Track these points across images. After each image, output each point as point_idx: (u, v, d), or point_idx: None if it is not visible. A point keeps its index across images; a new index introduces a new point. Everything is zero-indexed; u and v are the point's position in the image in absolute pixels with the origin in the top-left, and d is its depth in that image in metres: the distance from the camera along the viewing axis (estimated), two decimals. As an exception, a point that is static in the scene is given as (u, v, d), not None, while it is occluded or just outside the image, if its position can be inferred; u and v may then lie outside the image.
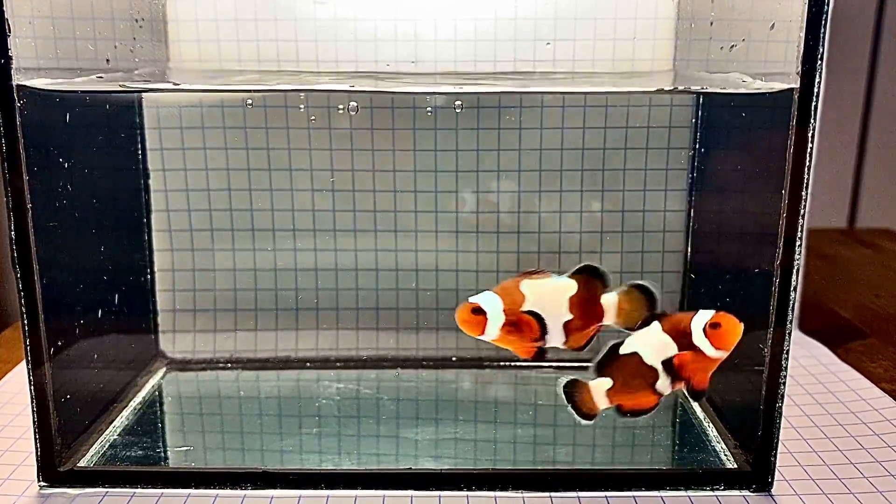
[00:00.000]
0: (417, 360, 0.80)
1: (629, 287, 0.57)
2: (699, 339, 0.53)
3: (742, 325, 0.53)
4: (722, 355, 0.54)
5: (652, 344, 0.54)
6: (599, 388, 0.56)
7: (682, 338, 0.54)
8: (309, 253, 0.77)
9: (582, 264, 0.56)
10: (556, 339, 0.56)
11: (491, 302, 0.55)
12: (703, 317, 0.54)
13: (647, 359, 0.54)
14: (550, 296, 0.56)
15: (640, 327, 0.55)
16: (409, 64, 0.73)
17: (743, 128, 0.67)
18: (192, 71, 0.74)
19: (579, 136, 0.75)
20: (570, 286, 0.56)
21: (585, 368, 0.79)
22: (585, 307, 0.56)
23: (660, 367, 0.54)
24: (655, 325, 0.55)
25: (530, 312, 0.55)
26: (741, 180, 0.67)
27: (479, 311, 0.55)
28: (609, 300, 0.56)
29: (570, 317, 0.56)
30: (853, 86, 1.38)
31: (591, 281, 0.56)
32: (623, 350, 0.55)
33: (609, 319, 0.57)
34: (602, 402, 0.56)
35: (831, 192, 1.42)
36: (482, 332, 0.55)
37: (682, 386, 0.55)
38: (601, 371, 0.56)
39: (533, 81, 0.73)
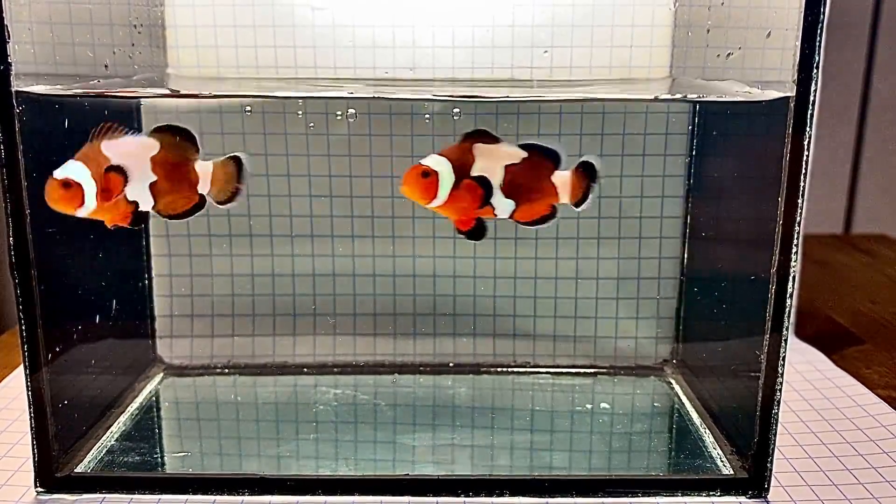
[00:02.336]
0: (415, 365, 0.80)
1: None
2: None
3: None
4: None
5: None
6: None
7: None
8: (307, 258, 0.78)
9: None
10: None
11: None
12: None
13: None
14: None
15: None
16: (407, 71, 0.73)
17: (739, 135, 0.67)
18: (190, 77, 0.74)
19: (576, 142, 0.75)
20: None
21: (583, 375, 0.79)
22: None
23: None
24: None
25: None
26: (737, 187, 0.68)
27: (68, 184, 0.52)
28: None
29: (154, 178, 0.54)
30: (849, 92, 1.38)
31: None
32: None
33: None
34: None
35: (827, 197, 1.43)
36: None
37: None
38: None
39: (530, 88, 0.73)
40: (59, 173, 0.52)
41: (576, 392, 0.77)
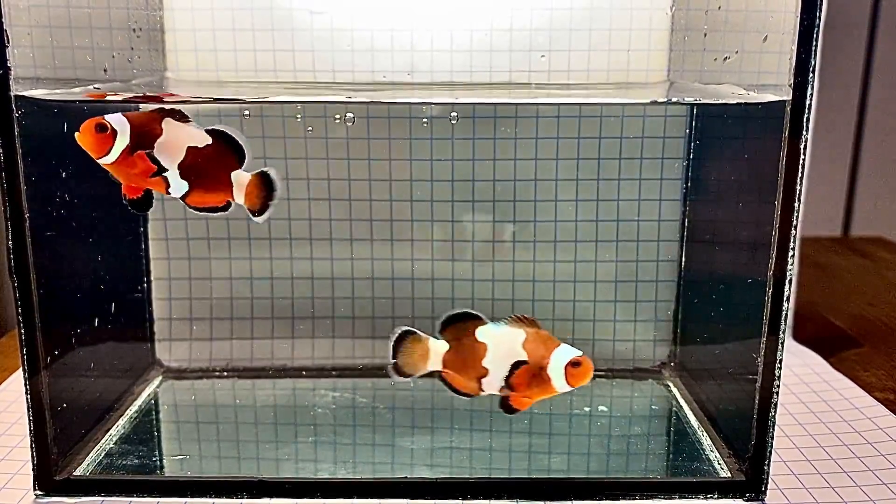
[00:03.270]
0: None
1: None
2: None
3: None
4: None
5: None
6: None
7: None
8: (305, 262, 0.78)
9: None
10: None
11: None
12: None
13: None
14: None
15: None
16: (405, 74, 0.73)
17: (736, 138, 0.67)
18: (189, 81, 0.74)
19: (574, 145, 0.75)
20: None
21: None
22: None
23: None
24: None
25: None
26: (735, 190, 0.68)
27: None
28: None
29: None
30: (847, 94, 1.39)
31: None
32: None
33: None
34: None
35: (825, 200, 1.43)
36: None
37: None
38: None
39: (528, 92, 0.74)
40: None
41: (574, 395, 0.77)
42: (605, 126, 0.75)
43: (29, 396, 0.58)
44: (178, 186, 0.56)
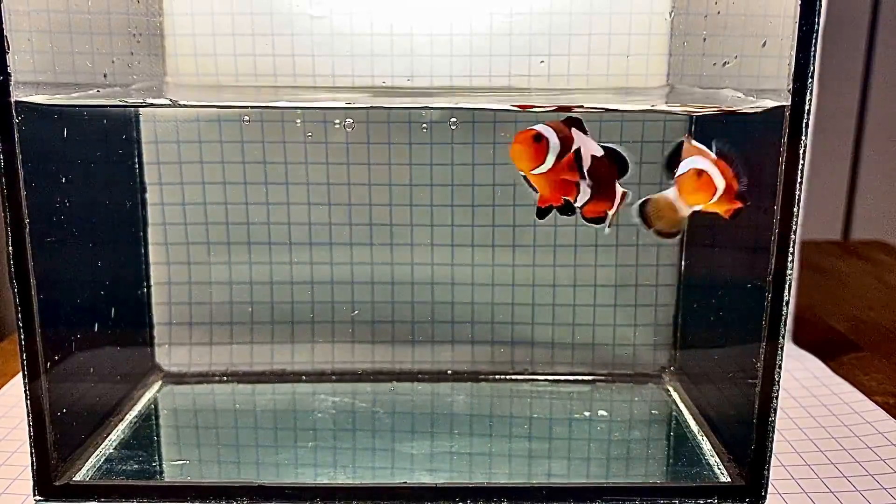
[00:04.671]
0: (413, 373, 0.80)
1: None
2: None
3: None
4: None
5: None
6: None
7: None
8: (305, 266, 0.78)
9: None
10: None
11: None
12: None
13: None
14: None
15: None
16: (404, 79, 0.73)
17: (736, 142, 0.67)
18: (189, 86, 0.74)
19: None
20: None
21: (581, 382, 0.79)
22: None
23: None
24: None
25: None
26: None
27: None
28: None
29: None
30: (847, 98, 1.39)
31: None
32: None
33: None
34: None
35: (825, 204, 1.43)
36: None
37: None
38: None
39: (528, 97, 0.74)
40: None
41: (574, 399, 0.77)
42: (605, 130, 0.75)
43: (29, 401, 0.58)
44: (585, 193, 0.57)
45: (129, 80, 0.69)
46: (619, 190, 0.59)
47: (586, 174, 0.57)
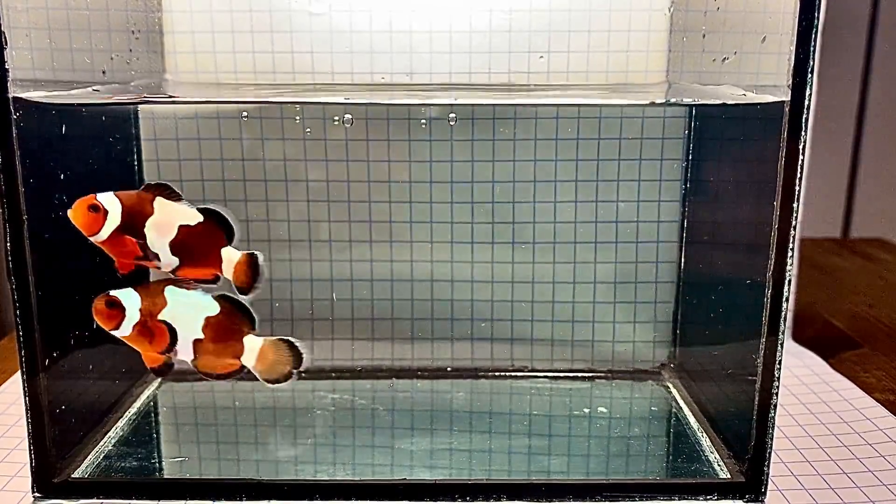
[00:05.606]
0: (413, 370, 0.80)
1: (276, 340, 0.58)
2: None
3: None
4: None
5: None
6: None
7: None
8: (304, 263, 0.78)
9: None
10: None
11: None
12: None
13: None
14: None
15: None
16: (404, 76, 0.73)
17: (735, 139, 0.67)
18: (188, 83, 0.74)
19: (573, 147, 0.75)
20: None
21: (580, 379, 0.79)
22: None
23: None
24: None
25: (165, 322, 0.55)
26: (734, 191, 0.68)
27: (115, 304, 0.55)
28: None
29: (201, 336, 0.56)
30: (847, 95, 1.39)
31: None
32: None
33: (247, 362, 0.58)
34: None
35: (825, 201, 1.43)
36: (116, 327, 0.55)
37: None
38: None
39: (527, 93, 0.74)
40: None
41: (573, 396, 0.77)
42: (605, 127, 0.75)
43: (27, 399, 0.58)
44: (169, 262, 0.56)
45: (128, 77, 0.69)
46: (234, 254, 0.57)
47: (173, 242, 0.55)
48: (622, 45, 0.73)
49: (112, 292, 0.55)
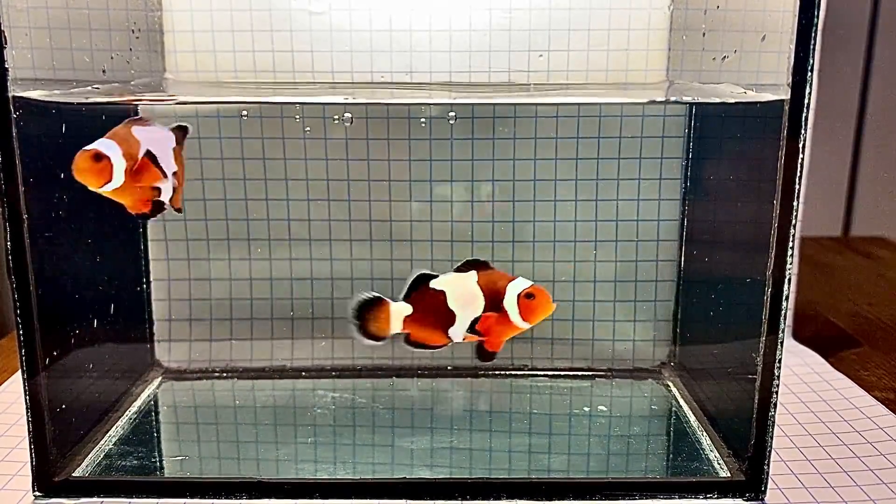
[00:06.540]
0: (413, 369, 0.80)
1: None
2: (510, 304, 0.53)
3: (554, 306, 0.53)
4: (524, 327, 0.54)
5: (462, 290, 0.54)
6: (399, 313, 0.55)
7: (493, 295, 0.54)
8: (304, 262, 0.78)
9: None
10: (168, 192, 0.56)
11: (110, 147, 0.53)
12: (520, 284, 0.54)
13: (451, 302, 0.54)
14: (162, 145, 0.55)
15: (459, 269, 0.55)
16: (404, 75, 0.73)
17: (735, 137, 0.67)
18: (188, 82, 0.74)
19: (573, 145, 0.75)
20: (173, 137, 0.57)
21: (580, 378, 0.79)
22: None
23: (459, 314, 0.54)
24: (473, 274, 0.55)
25: (148, 155, 0.54)
26: (734, 189, 0.68)
27: (101, 156, 0.53)
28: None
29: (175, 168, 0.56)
30: (847, 94, 1.39)
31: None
32: (433, 284, 0.55)
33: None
34: (396, 327, 0.55)
35: (826, 200, 1.43)
36: (109, 179, 0.53)
37: (474, 339, 0.55)
38: (406, 296, 0.56)
39: (527, 92, 0.74)
40: (90, 146, 0.53)
41: (573, 395, 0.77)
42: (605, 126, 0.75)
43: (28, 397, 0.58)
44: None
45: (128, 76, 0.69)
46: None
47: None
48: (622, 44, 0.73)
49: (88, 147, 0.52)
